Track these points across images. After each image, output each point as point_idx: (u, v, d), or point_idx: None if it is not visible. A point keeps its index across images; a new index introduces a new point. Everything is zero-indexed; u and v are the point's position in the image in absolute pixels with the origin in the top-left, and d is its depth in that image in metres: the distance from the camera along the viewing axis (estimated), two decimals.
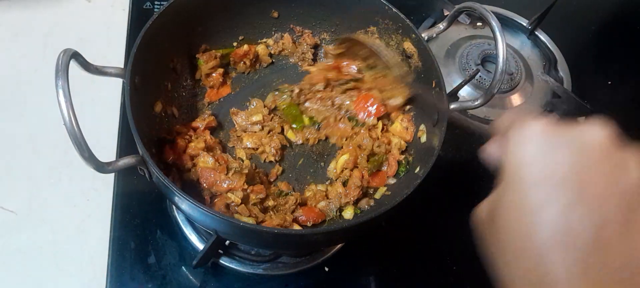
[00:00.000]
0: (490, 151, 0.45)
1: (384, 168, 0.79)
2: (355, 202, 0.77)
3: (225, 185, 0.69)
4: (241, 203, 0.69)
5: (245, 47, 0.86)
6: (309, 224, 0.73)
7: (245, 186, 0.69)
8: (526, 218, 0.35)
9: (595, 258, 0.33)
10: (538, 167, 0.36)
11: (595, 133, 0.36)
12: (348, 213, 0.76)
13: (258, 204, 0.71)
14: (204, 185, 0.70)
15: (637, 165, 0.36)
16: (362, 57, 0.82)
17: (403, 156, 0.80)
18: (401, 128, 0.81)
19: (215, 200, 0.70)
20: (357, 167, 0.78)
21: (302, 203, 0.75)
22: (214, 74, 0.84)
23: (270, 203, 0.73)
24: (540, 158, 0.36)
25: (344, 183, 0.77)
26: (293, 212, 0.73)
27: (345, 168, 0.79)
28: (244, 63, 0.87)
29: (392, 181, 0.79)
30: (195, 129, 0.79)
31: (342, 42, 0.83)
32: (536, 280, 0.34)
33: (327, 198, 0.77)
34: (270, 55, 0.90)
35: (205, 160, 0.72)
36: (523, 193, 0.36)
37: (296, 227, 0.72)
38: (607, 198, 0.34)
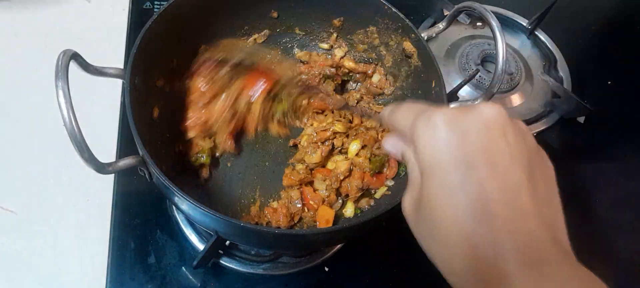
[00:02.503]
0: (393, 143, 0.48)
1: (385, 169, 0.79)
2: (356, 201, 0.77)
3: None
4: None
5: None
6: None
7: None
8: (448, 201, 0.37)
9: (516, 225, 0.36)
10: (449, 150, 0.38)
11: (491, 112, 0.38)
12: (348, 211, 0.76)
13: None
14: None
15: (530, 133, 0.41)
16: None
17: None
18: None
19: None
20: (355, 167, 0.78)
21: None
22: None
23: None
24: (450, 142, 0.38)
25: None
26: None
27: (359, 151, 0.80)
28: None
29: (390, 183, 0.79)
30: None
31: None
32: (469, 259, 0.37)
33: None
34: None
35: None
36: (441, 179, 0.38)
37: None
38: (514, 166, 0.37)
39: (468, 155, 0.37)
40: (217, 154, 0.81)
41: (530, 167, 0.38)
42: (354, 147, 0.80)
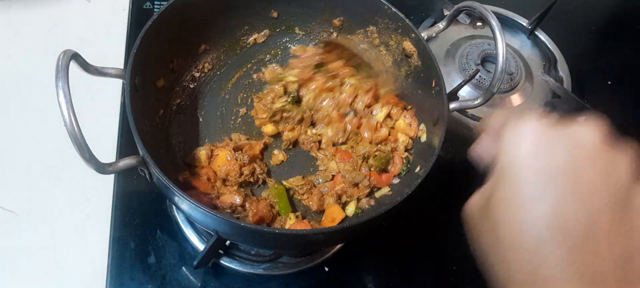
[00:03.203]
0: (481, 149, 0.46)
1: (389, 167, 0.79)
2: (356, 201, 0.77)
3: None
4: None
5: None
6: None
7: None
8: (519, 212, 0.36)
9: (586, 251, 0.34)
10: (532, 163, 0.36)
11: (588, 131, 0.37)
12: (350, 210, 0.76)
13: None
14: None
15: (626, 164, 0.37)
16: (345, 58, 0.81)
17: (405, 154, 0.80)
18: (405, 124, 0.81)
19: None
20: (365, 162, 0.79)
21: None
22: None
23: None
24: (534, 155, 0.36)
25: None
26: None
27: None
28: None
29: (395, 180, 0.79)
30: None
31: (325, 45, 0.82)
32: (528, 273, 0.35)
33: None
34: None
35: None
36: (516, 188, 0.36)
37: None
38: (598, 193, 0.35)
39: (551, 170, 0.35)
40: None
41: (616, 197, 0.35)
42: (381, 113, 0.82)
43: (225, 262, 0.75)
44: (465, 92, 1.01)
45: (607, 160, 0.36)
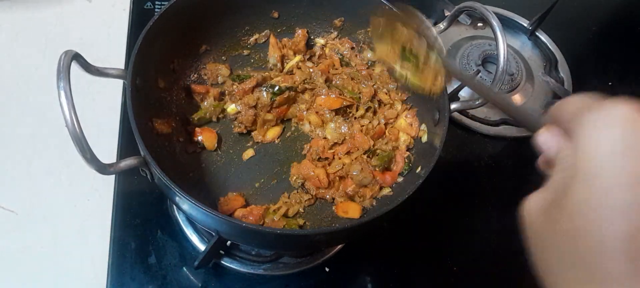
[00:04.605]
0: (548, 137, 0.38)
1: (392, 166, 0.79)
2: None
3: None
4: None
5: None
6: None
7: None
8: (601, 222, 0.29)
9: None
10: (620, 161, 0.29)
11: None
12: (352, 212, 0.76)
13: None
14: None
15: None
16: (402, 42, 0.71)
17: (406, 154, 0.80)
18: (405, 124, 0.81)
19: None
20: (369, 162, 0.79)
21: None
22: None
23: None
24: (623, 151, 0.29)
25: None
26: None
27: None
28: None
29: (399, 179, 0.79)
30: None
31: (380, 16, 0.71)
32: None
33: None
34: None
35: None
36: (604, 190, 0.29)
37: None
38: None
39: None
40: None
41: None
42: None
43: (226, 262, 0.75)
44: (466, 92, 1.01)
45: None
